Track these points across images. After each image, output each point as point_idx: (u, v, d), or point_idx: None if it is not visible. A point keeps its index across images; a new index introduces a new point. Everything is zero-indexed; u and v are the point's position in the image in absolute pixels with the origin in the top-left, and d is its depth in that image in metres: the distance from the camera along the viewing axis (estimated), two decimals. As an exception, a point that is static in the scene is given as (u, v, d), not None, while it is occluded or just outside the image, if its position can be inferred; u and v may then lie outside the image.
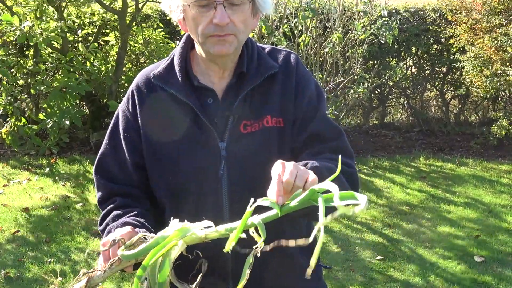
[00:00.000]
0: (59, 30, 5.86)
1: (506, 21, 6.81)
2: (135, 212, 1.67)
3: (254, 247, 1.30)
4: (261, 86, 1.68)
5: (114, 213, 1.69)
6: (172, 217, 1.41)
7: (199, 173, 1.67)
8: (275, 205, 1.32)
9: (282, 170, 1.37)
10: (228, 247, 1.27)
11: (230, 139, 1.66)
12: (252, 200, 1.29)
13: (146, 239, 1.40)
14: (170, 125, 1.68)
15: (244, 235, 1.30)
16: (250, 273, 1.31)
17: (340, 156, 1.41)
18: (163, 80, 1.69)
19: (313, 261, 1.19)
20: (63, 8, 6.54)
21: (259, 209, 1.31)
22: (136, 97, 1.73)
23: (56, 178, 6.31)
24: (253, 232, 1.32)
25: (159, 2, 7.42)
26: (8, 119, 6.83)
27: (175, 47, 7.11)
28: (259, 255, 1.30)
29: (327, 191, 1.27)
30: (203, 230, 1.34)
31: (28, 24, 5.41)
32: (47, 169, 6.59)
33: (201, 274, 1.39)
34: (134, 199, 1.74)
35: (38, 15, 6.12)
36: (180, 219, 1.38)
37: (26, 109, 7.49)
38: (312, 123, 1.70)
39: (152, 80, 1.71)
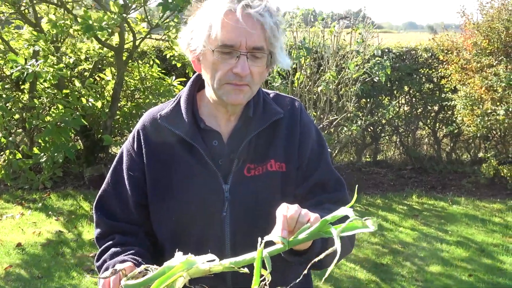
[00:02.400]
0: (64, 67, 5.92)
1: (496, 61, 6.93)
2: (133, 251, 1.68)
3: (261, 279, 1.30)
4: (266, 131, 1.72)
5: (113, 250, 1.70)
6: (173, 256, 1.42)
7: (202, 215, 1.69)
8: (282, 238, 1.35)
9: (286, 209, 1.41)
10: None
11: (234, 181, 1.68)
12: (259, 238, 1.30)
13: (148, 271, 1.40)
14: (175, 166, 1.71)
15: (246, 270, 1.31)
16: None
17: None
18: (170, 121, 1.72)
19: None
20: (61, 45, 6.60)
21: (267, 246, 1.33)
22: (142, 137, 1.75)
23: (49, 212, 6.29)
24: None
25: (156, 39, 7.50)
26: (2, 153, 6.83)
27: (171, 82, 7.22)
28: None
29: (336, 222, 1.32)
30: (207, 263, 1.35)
31: (34, 63, 5.47)
32: (40, 203, 6.57)
33: None
34: (134, 237, 1.75)
35: (41, 53, 6.19)
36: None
37: (20, 143, 7.49)
38: (316, 172, 1.74)
39: (158, 121, 1.74)
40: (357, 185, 1.49)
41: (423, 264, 5.14)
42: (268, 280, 1.30)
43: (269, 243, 1.33)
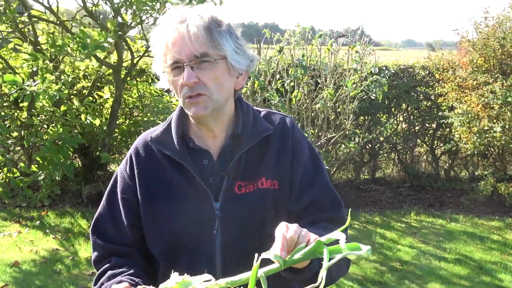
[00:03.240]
0: (62, 86, 5.94)
1: (492, 79, 6.97)
2: (130, 272, 1.69)
3: None
4: (256, 148, 1.73)
5: (110, 272, 1.71)
6: (167, 273, 1.42)
7: (194, 232, 1.70)
8: (279, 258, 1.35)
9: (286, 229, 1.41)
10: None
11: (224, 199, 1.69)
12: (256, 255, 1.30)
13: None
14: (166, 186, 1.72)
15: None
16: None
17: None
18: (160, 143, 1.75)
19: None
20: (60, 64, 6.63)
21: (261, 264, 1.33)
22: (134, 159, 1.78)
23: (47, 230, 6.28)
24: None
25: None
26: (0, 171, 6.83)
27: (169, 99, 7.24)
28: None
29: (332, 244, 1.32)
30: (203, 283, 1.35)
31: (32, 84, 5.49)
32: (38, 221, 6.57)
33: None
34: (130, 259, 1.76)
35: (40, 73, 6.22)
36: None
37: (18, 161, 7.49)
38: (311, 190, 1.74)
39: (149, 143, 1.77)
40: (349, 209, 1.50)
41: (421, 282, 5.13)
42: None
43: (264, 261, 1.34)
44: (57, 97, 5.76)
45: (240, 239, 1.68)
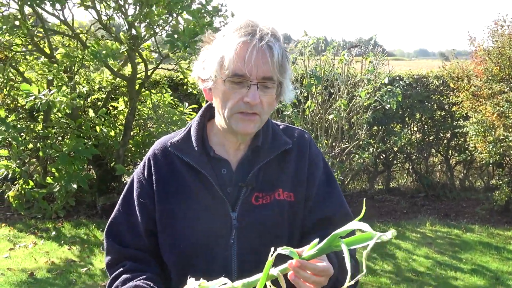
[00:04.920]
0: (77, 97, 6.00)
1: (508, 88, 6.93)
2: (145, 276, 1.69)
3: None
4: (274, 160, 1.75)
5: (124, 276, 1.71)
6: (181, 281, 1.43)
7: (210, 241, 1.71)
8: (295, 254, 1.36)
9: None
10: None
11: (241, 209, 1.70)
12: (272, 249, 1.33)
13: None
14: (184, 193, 1.73)
15: None
16: None
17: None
18: (180, 149, 1.76)
19: None
20: (75, 75, 6.69)
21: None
22: (152, 164, 1.78)
23: (62, 242, 6.31)
24: (270, 286, 1.34)
25: (167, 69, 7.58)
26: (15, 182, 6.88)
27: (183, 110, 7.26)
28: None
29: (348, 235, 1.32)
30: (221, 286, 1.36)
31: (48, 93, 5.55)
32: (53, 232, 6.59)
33: None
34: (145, 263, 1.76)
35: (55, 83, 6.28)
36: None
37: (34, 172, 7.55)
38: (324, 205, 1.76)
39: (169, 149, 1.77)
40: (364, 199, 1.51)
41: (437, 292, 5.09)
42: None
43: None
44: (75, 105, 5.81)
45: (256, 249, 1.68)
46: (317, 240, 1.38)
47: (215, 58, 1.63)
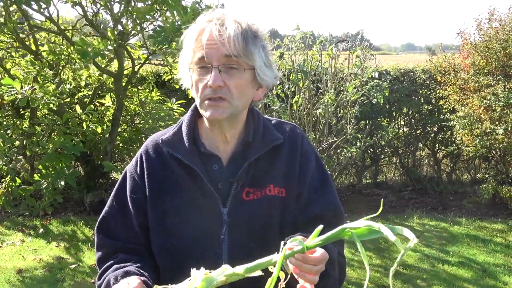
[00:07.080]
0: (59, 94, 5.95)
1: (494, 81, 6.97)
2: (138, 265, 1.69)
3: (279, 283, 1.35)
4: (265, 155, 1.74)
5: (115, 266, 1.71)
6: (170, 276, 1.42)
7: (201, 237, 1.71)
8: (301, 242, 1.38)
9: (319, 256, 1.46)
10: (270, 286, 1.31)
11: (232, 205, 1.70)
12: (282, 243, 1.35)
13: None
14: (175, 189, 1.73)
15: (261, 273, 1.35)
16: None
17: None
18: (171, 145, 1.76)
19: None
20: (60, 72, 6.64)
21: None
22: (144, 160, 1.79)
23: (50, 239, 6.29)
24: (271, 268, 1.36)
25: (154, 64, 7.54)
26: (2, 180, 6.83)
27: (171, 106, 7.24)
28: None
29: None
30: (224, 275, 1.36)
31: (29, 89, 5.50)
32: (41, 230, 6.57)
33: None
34: (137, 255, 1.76)
35: (39, 80, 6.22)
36: (177, 280, 1.38)
37: (21, 170, 7.49)
38: (317, 202, 1.76)
39: (160, 145, 1.77)
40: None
41: (425, 285, 5.13)
42: (284, 281, 1.35)
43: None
44: (55, 104, 5.76)
45: (247, 244, 1.69)
46: (321, 226, 1.39)
47: (186, 52, 1.66)
